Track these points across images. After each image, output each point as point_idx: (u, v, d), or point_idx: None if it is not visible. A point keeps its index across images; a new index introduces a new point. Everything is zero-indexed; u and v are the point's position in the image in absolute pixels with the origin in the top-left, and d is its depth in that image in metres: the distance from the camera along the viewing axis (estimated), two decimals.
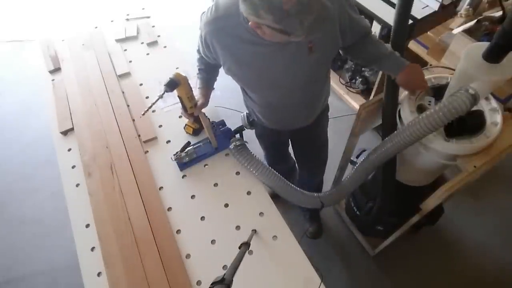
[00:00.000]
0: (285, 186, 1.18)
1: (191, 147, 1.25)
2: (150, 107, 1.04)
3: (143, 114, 1.05)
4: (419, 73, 1.05)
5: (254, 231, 1.09)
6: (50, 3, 2.00)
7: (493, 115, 1.02)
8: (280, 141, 1.58)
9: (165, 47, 1.68)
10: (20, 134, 2.56)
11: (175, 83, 1.04)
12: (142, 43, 1.69)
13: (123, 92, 1.49)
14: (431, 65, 1.49)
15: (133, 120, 1.40)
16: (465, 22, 1.44)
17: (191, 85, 1.11)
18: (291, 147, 1.67)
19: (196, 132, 1.33)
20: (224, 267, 1.05)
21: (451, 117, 0.84)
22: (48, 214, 2.14)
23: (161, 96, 1.03)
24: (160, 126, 1.39)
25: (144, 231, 1.13)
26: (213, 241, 1.11)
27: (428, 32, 1.58)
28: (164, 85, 1.04)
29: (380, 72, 2.03)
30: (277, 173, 1.18)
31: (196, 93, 1.20)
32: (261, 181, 1.19)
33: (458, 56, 0.89)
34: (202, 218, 1.16)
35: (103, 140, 1.35)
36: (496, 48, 0.81)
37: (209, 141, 1.27)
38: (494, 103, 1.03)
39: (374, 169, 1.17)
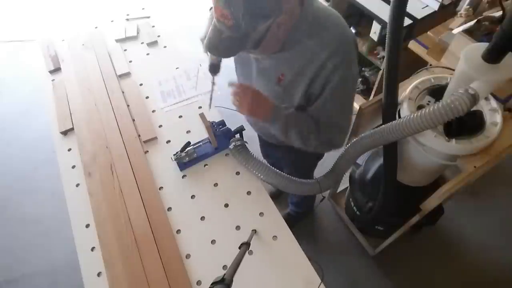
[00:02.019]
0: (285, 181, 1.17)
1: (191, 147, 1.25)
2: (211, 99, 1.18)
3: (210, 107, 1.18)
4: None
5: (254, 231, 1.10)
6: (50, 3, 2.00)
7: (493, 115, 1.01)
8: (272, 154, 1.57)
9: (165, 47, 1.68)
10: (20, 134, 2.56)
11: (215, 66, 1.10)
12: (142, 43, 1.69)
13: (123, 92, 1.49)
14: (431, 65, 1.49)
15: (133, 120, 1.40)
16: (465, 22, 1.44)
17: (191, 85, 1.12)
18: None
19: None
20: (224, 267, 1.05)
21: (451, 116, 0.84)
22: (48, 214, 2.14)
23: (213, 82, 1.13)
24: (160, 126, 1.39)
25: (144, 231, 1.13)
26: (213, 241, 1.11)
27: (428, 32, 1.58)
28: (209, 70, 1.10)
29: (380, 72, 2.03)
30: (276, 169, 1.18)
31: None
32: (262, 180, 1.19)
33: (458, 56, 0.89)
34: (202, 218, 1.16)
35: (103, 140, 1.35)
36: (495, 49, 0.81)
37: (209, 141, 1.27)
38: (494, 103, 1.03)
39: (364, 152, 1.15)
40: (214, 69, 1.10)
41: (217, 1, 0.76)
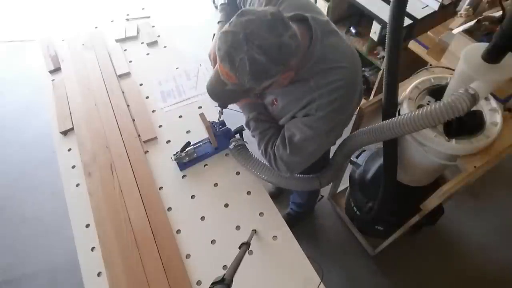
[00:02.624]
0: (285, 178, 1.18)
1: (191, 147, 1.25)
2: (219, 119, 1.22)
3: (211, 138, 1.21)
4: None
5: (254, 231, 1.10)
6: (50, 3, 2.00)
7: (493, 115, 1.01)
8: None
9: (165, 47, 1.68)
10: (20, 133, 2.56)
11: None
12: (142, 43, 1.69)
13: (123, 92, 1.49)
14: (431, 65, 1.49)
15: (133, 120, 1.40)
16: (465, 22, 1.44)
17: (191, 85, 1.12)
18: None
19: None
20: (224, 267, 1.05)
21: (451, 116, 0.84)
22: (48, 213, 2.14)
23: (221, 112, 1.19)
24: (160, 126, 1.39)
25: (144, 231, 1.13)
26: (213, 241, 1.11)
27: (428, 32, 1.58)
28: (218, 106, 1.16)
29: (380, 72, 2.03)
30: None
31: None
32: (262, 179, 1.19)
33: (458, 56, 0.89)
34: (202, 218, 1.16)
35: (103, 140, 1.35)
36: (495, 49, 0.81)
37: (209, 141, 1.27)
38: (494, 103, 1.03)
39: (361, 147, 1.16)
40: (223, 106, 1.15)
41: (223, 64, 0.77)
